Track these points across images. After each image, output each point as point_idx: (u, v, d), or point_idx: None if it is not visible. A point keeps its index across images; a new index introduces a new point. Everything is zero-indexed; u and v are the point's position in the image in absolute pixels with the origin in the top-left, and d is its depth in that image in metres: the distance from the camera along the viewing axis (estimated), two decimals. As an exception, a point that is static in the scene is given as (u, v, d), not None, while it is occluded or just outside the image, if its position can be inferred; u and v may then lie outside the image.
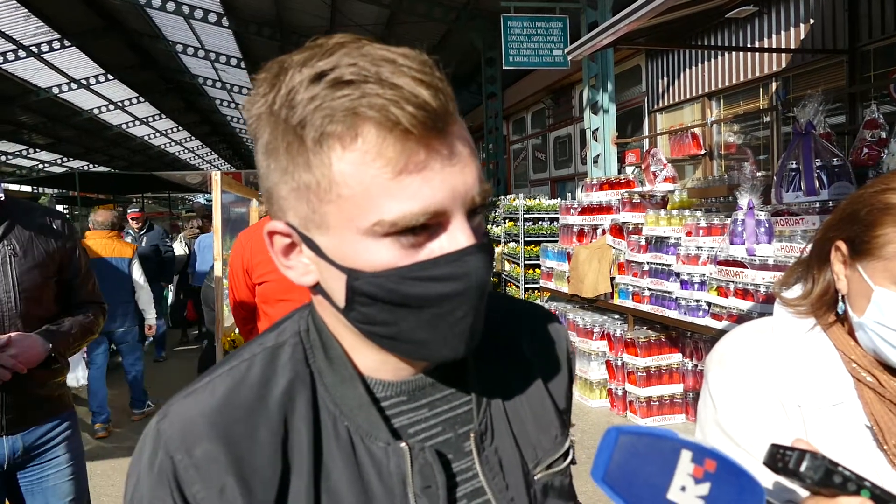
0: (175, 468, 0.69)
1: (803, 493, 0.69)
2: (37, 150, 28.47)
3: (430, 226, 0.66)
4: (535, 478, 0.81)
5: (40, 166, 31.09)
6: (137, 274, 6.20)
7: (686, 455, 0.62)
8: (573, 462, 0.86)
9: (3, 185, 2.17)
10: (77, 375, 6.16)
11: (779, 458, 0.67)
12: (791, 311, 1.12)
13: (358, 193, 0.64)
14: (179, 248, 9.70)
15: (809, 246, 1.16)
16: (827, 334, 1.09)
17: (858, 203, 1.05)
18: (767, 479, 0.80)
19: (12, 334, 2.07)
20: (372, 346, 0.73)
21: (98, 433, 5.94)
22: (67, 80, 20.78)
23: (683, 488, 0.62)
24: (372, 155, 0.63)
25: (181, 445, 0.70)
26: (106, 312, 2.48)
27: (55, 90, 20.98)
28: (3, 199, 2.14)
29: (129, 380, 6.47)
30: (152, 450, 0.71)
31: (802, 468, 0.64)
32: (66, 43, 17.53)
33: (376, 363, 0.76)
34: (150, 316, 6.45)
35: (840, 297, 1.09)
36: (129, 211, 9.08)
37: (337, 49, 0.65)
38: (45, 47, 17.53)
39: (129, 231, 8.97)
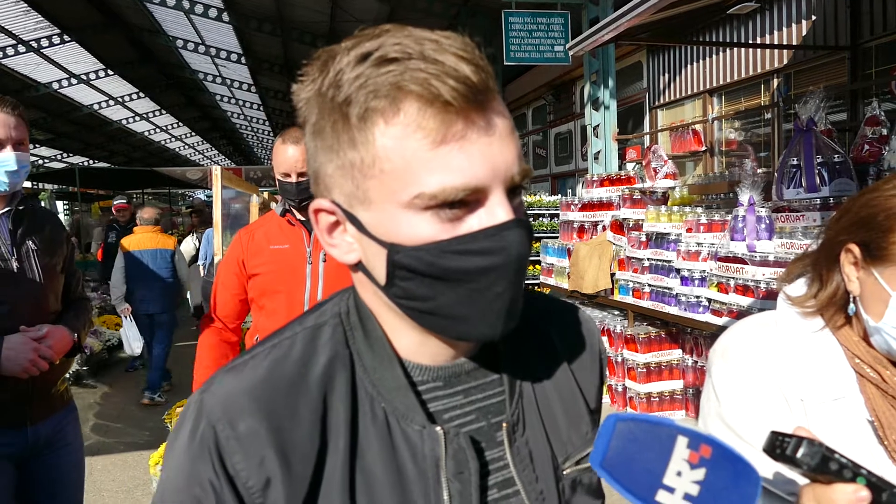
0: (217, 438, 0.70)
1: (803, 481, 0.69)
2: (36, 145, 28.42)
3: (470, 202, 0.67)
4: (565, 472, 0.81)
5: (40, 162, 31.06)
6: (181, 266, 7.08)
7: (682, 441, 0.63)
8: None
9: (21, 190, 2.31)
10: (132, 346, 6.78)
11: (777, 445, 0.67)
12: (798, 309, 1.12)
13: (399, 167, 0.65)
14: (190, 245, 9.48)
15: (815, 244, 1.15)
16: (836, 336, 1.09)
17: (873, 207, 1.04)
18: (769, 469, 0.80)
19: (46, 326, 2.18)
20: (412, 327, 0.74)
21: (145, 399, 6.73)
22: (67, 76, 20.76)
23: (679, 473, 0.62)
24: (413, 127, 0.64)
25: (223, 416, 0.71)
26: (92, 308, 2.61)
27: (55, 85, 20.96)
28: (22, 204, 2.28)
29: (153, 356, 6.88)
30: (195, 420, 0.72)
31: (799, 454, 0.65)
32: (66, 38, 17.51)
33: (415, 346, 0.76)
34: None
35: (851, 299, 1.08)
36: (115, 202, 8.96)
37: (384, 33, 0.67)
38: (44, 42, 17.50)
39: (115, 225, 8.89)
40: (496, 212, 0.67)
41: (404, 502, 0.72)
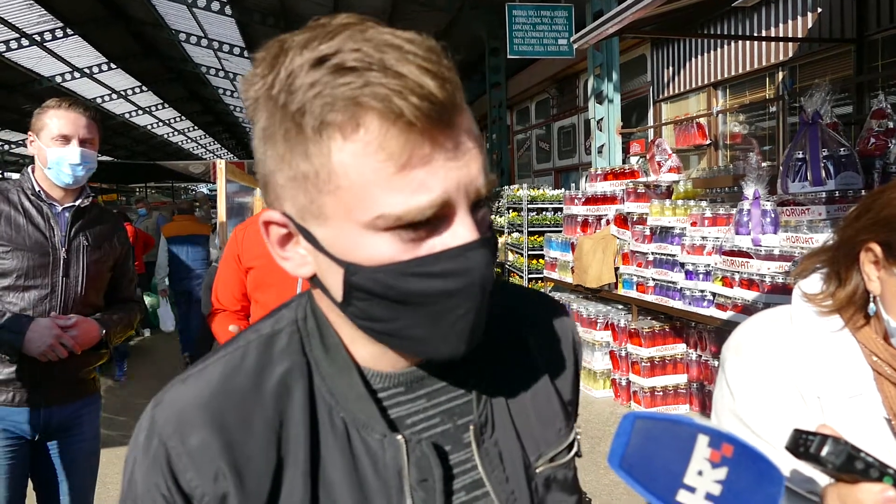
0: (168, 455, 0.69)
1: (825, 480, 0.68)
2: (40, 139, 28.47)
3: (432, 220, 0.63)
4: (537, 471, 0.79)
5: (44, 155, 31.07)
6: (214, 251, 7.57)
7: (703, 440, 0.62)
8: (578, 454, 0.84)
9: (88, 190, 2.50)
10: (167, 324, 8.21)
11: (801, 443, 0.66)
12: (814, 307, 1.10)
13: (358, 185, 0.61)
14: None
15: (832, 240, 1.13)
16: (856, 337, 1.07)
17: (894, 207, 1.02)
18: (789, 467, 0.79)
19: (76, 317, 2.33)
20: (370, 340, 0.72)
21: (186, 357, 7.64)
22: (70, 69, 20.75)
23: (700, 473, 0.61)
24: (374, 147, 0.60)
25: (175, 433, 0.69)
26: (142, 311, 2.78)
27: (58, 79, 20.95)
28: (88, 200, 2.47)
29: (191, 326, 7.62)
30: (147, 436, 0.71)
31: (824, 453, 0.64)
32: (69, 32, 17.49)
33: (374, 355, 0.74)
34: None
35: (871, 299, 1.06)
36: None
37: (340, 31, 0.62)
38: (47, 36, 17.49)
39: None
40: (459, 231, 0.64)
41: None
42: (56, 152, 2.32)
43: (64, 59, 19.69)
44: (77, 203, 2.42)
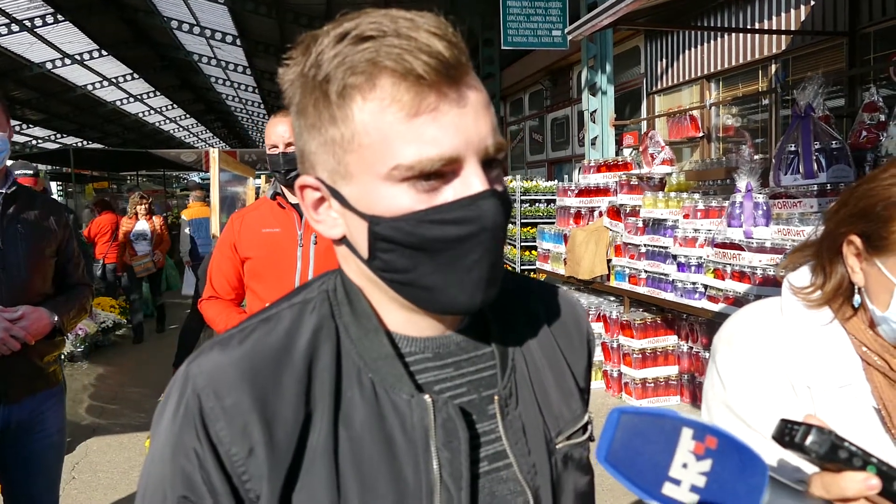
0: (201, 406, 0.71)
1: (812, 469, 0.69)
2: (30, 125, 28.23)
3: (446, 173, 0.69)
4: (557, 447, 0.82)
5: (33, 142, 30.86)
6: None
7: (687, 432, 0.63)
8: (591, 438, 0.86)
9: (14, 172, 2.38)
10: (188, 289, 9.24)
11: (786, 433, 0.67)
12: (803, 301, 1.11)
13: (376, 141, 0.68)
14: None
15: (816, 234, 1.15)
16: (845, 328, 1.08)
17: (872, 197, 1.03)
18: (776, 456, 0.80)
19: (23, 307, 2.22)
20: (399, 303, 0.76)
21: None
22: (61, 56, 20.57)
23: (685, 465, 0.62)
24: (388, 101, 0.67)
25: (208, 386, 0.72)
26: (93, 294, 2.66)
27: (48, 65, 20.77)
28: (16, 187, 2.35)
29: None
30: (181, 390, 0.73)
31: (808, 442, 0.65)
32: (60, 17, 17.33)
33: (402, 320, 0.78)
34: None
35: (856, 290, 1.08)
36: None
37: (362, 14, 0.69)
38: (38, 22, 17.33)
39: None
40: (471, 182, 0.69)
41: (393, 471, 0.72)
42: None
43: (55, 46, 19.52)
44: (3, 191, 2.29)
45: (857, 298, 1.08)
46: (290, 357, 0.74)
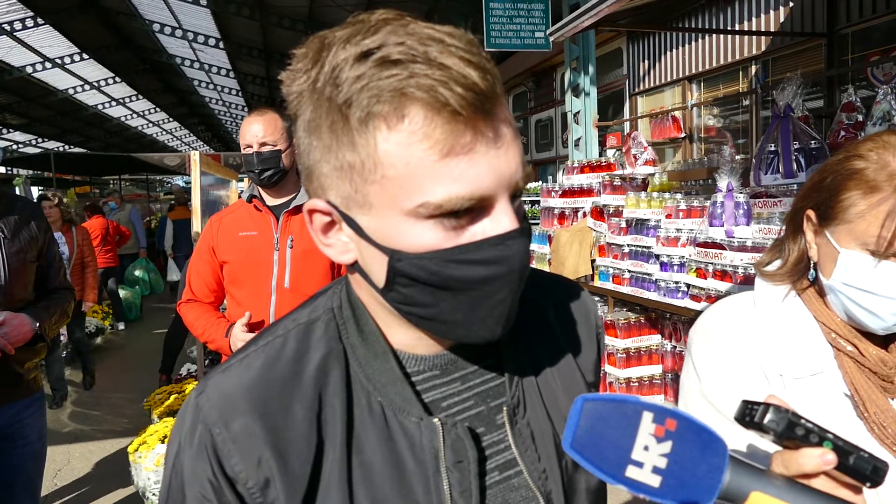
0: (214, 442, 0.70)
1: (775, 450, 0.71)
2: (10, 130, 27.94)
3: (474, 209, 0.66)
4: None
5: (14, 147, 30.54)
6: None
7: (647, 416, 0.64)
8: None
9: None
10: (173, 275, 9.93)
11: (747, 413, 0.69)
12: (769, 281, 1.16)
13: (403, 174, 0.64)
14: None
15: (784, 227, 1.20)
16: (802, 300, 1.13)
17: (825, 172, 1.10)
18: (748, 442, 0.81)
19: (4, 313, 2.19)
20: (407, 323, 0.74)
21: None
22: (41, 59, 20.35)
23: (647, 448, 0.63)
24: (419, 136, 0.63)
25: (219, 419, 0.71)
26: (75, 298, 2.62)
27: (29, 69, 20.56)
28: None
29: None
30: (192, 423, 0.73)
31: (766, 420, 0.66)
32: (40, 21, 17.16)
33: (410, 339, 0.77)
34: None
35: (812, 265, 1.13)
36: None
37: (382, 26, 0.64)
38: (17, 25, 17.13)
39: None
40: (501, 220, 0.67)
41: (404, 494, 0.72)
42: None
43: (35, 49, 19.32)
44: None
45: (812, 273, 1.14)
46: (300, 384, 0.73)
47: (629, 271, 5.66)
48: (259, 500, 0.70)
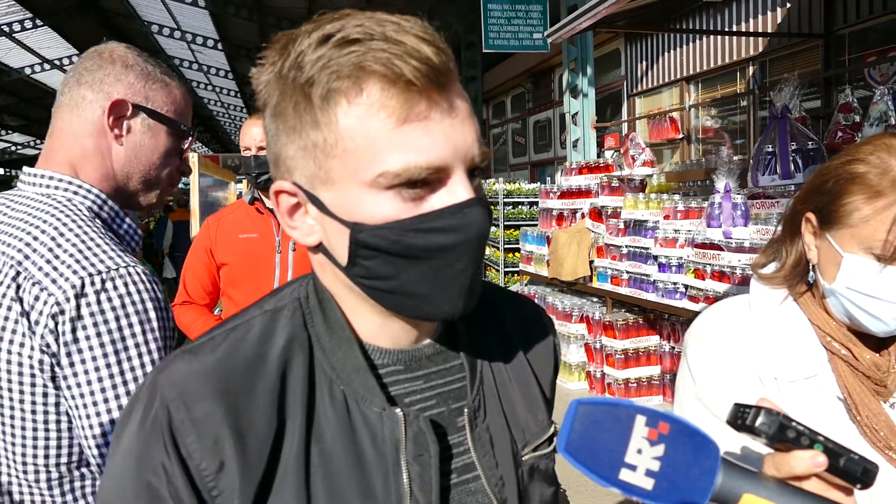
0: (171, 419, 0.68)
1: (767, 452, 0.71)
2: (9, 131, 27.95)
3: (432, 181, 0.68)
4: (524, 459, 0.82)
5: (13, 148, 30.53)
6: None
7: (641, 420, 0.64)
8: (556, 450, 0.87)
9: None
10: (169, 273, 9.75)
11: (739, 416, 0.69)
12: (766, 284, 1.16)
13: (362, 146, 0.66)
14: None
15: (780, 226, 1.19)
16: (798, 304, 1.13)
17: (825, 175, 1.08)
18: (741, 445, 0.82)
19: None
20: (372, 309, 0.74)
21: None
22: (40, 61, 20.37)
23: (640, 451, 0.64)
24: (376, 107, 0.65)
25: (178, 398, 0.69)
26: None
27: (27, 70, 20.57)
28: None
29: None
30: (147, 401, 0.70)
31: (758, 423, 0.67)
32: (39, 22, 17.16)
33: (376, 328, 0.76)
34: None
35: (811, 267, 1.12)
36: None
37: (344, 17, 0.68)
38: (16, 27, 17.15)
39: None
40: (457, 190, 0.68)
41: (363, 484, 0.71)
42: None
43: (33, 51, 19.33)
44: None
45: (811, 276, 1.13)
46: (263, 367, 0.72)
47: (627, 272, 5.67)
48: (212, 485, 0.67)
